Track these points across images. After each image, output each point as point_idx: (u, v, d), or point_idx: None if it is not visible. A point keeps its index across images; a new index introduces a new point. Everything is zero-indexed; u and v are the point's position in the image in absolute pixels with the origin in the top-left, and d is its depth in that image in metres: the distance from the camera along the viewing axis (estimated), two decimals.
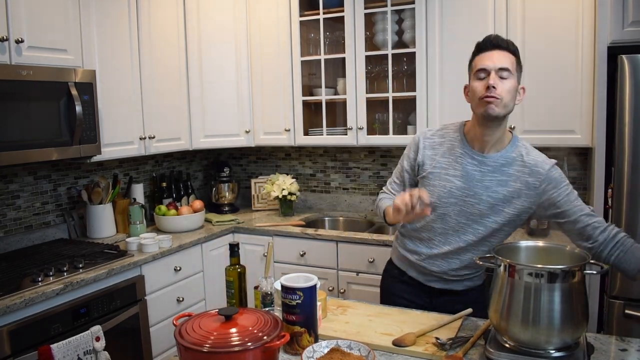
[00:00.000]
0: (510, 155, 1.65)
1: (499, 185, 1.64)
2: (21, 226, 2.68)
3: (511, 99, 1.58)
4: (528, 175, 1.63)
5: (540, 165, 1.63)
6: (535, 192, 1.63)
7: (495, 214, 1.66)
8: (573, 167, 2.93)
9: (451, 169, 1.69)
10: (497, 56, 1.58)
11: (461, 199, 1.67)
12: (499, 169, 1.65)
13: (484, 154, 1.66)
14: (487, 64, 1.57)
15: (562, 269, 1.26)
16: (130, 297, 2.49)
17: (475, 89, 1.59)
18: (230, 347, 1.13)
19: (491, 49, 1.60)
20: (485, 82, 1.56)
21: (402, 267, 1.88)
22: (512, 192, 1.64)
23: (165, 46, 3.10)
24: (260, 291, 1.67)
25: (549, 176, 1.62)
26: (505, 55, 1.58)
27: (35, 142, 2.29)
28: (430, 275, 1.80)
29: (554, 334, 1.26)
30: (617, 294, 2.21)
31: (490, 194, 1.65)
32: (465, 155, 1.68)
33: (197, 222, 3.17)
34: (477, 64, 1.61)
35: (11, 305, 1.96)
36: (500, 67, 1.56)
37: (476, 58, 1.63)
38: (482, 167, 1.66)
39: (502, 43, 1.60)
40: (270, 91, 3.38)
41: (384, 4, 3.02)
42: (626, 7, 2.19)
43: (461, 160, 1.68)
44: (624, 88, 2.14)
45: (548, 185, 1.62)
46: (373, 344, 1.41)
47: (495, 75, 1.55)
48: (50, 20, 2.39)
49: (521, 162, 1.64)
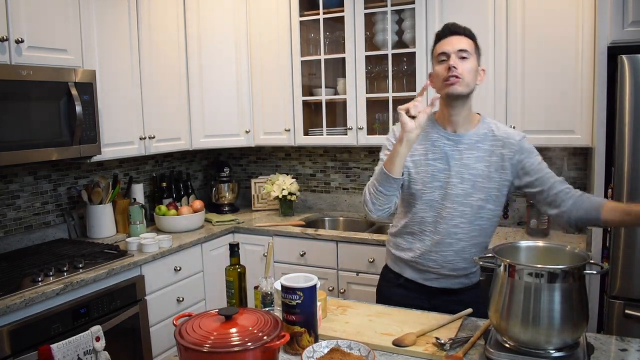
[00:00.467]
0: (482, 132, 1.74)
1: (477, 161, 1.71)
2: (21, 226, 2.68)
3: (472, 79, 1.68)
4: (502, 148, 1.71)
5: (512, 137, 1.72)
6: (510, 164, 1.71)
7: (478, 191, 1.71)
8: (573, 167, 2.94)
9: (430, 153, 1.74)
10: (456, 40, 1.68)
11: (444, 181, 1.72)
12: (474, 146, 1.72)
13: (457, 133, 1.74)
14: (447, 47, 1.67)
15: (562, 269, 1.26)
16: (130, 297, 2.49)
17: (439, 72, 1.68)
18: (230, 347, 1.13)
19: (449, 35, 1.69)
20: (447, 64, 1.65)
21: (398, 270, 1.88)
22: (490, 167, 1.71)
23: (166, 46, 3.10)
24: (260, 291, 1.67)
25: (521, 146, 1.71)
26: (462, 38, 1.68)
27: (36, 142, 2.29)
28: (427, 272, 1.80)
29: (554, 334, 1.26)
30: (617, 294, 2.21)
31: (470, 171, 1.71)
32: (440, 137, 1.74)
33: (197, 222, 3.17)
34: (438, 49, 1.70)
35: (11, 305, 1.96)
36: (459, 48, 1.66)
37: (437, 45, 1.72)
38: (458, 146, 1.72)
39: (459, 29, 1.70)
40: (270, 91, 3.38)
41: (384, 4, 3.02)
42: (626, 7, 2.19)
43: (438, 144, 1.74)
44: (624, 88, 2.14)
45: (521, 155, 1.70)
46: (373, 344, 1.41)
47: (455, 56, 1.65)
48: (50, 20, 2.39)
49: (493, 137, 1.73)
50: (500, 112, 2.75)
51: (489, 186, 1.71)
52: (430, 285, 1.81)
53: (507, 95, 2.73)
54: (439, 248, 1.75)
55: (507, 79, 2.72)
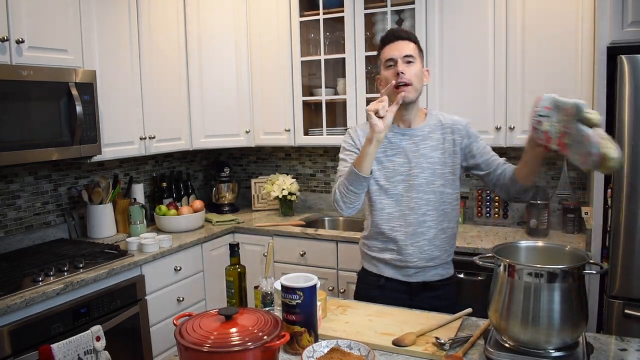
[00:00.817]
0: (432, 123, 1.87)
1: (432, 150, 1.83)
2: (22, 226, 2.69)
3: (419, 82, 1.80)
4: (452, 134, 1.85)
5: (458, 123, 1.86)
6: (460, 147, 1.84)
7: (438, 178, 1.83)
8: (573, 167, 2.94)
9: (388, 150, 1.84)
10: (401, 45, 1.78)
11: (406, 173, 1.82)
12: (428, 136, 1.85)
13: (410, 127, 1.86)
14: (394, 53, 1.77)
15: (561, 269, 1.26)
16: (131, 297, 2.49)
17: (387, 77, 1.79)
18: (230, 347, 1.14)
19: (394, 40, 1.79)
20: (395, 69, 1.76)
21: (377, 271, 1.91)
22: (444, 153, 1.84)
23: (166, 46, 3.10)
24: (260, 291, 1.67)
25: (467, 131, 1.85)
26: (407, 43, 1.79)
27: (36, 142, 2.29)
28: (406, 268, 1.85)
29: (553, 333, 1.26)
30: (616, 293, 2.22)
31: (428, 160, 1.82)
32: (395, 134, 1.85)
33: (197, 222, 3.17)
34: (385, 55, 1.80)
35: (11, 305, 1.96)
36: (405, 54, 1.76)
37: (383, 51, 1.82)
38: (413, 139, 1.84)
39: (403, 34, 1.81)
40: (270, 91, 3.39)
41: (384, 4, 3.02)
42: (626, 7, 2.19)
43: (394, 140, 1.85)
44: (623, 88, 2.14)
45: (469, 139, 1.85)
46: (373, 343, 1.41)
47: (402, 62, 1.76)
48: (51, 20, 2.39)
49: (442, 126, 1.86)
50: (500, 112, 2.75)
51: (445, 171, 1.83)
52: (410, 281, 1.86)
53: (507, 95, 2.73)
54: (413, 240, 1.83)
55: (507, 79, 2.72)
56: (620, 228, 2.18)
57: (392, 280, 1.87)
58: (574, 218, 2.80)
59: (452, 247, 1.92)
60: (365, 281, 1.96)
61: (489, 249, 2.46)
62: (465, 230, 2.95)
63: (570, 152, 1.34)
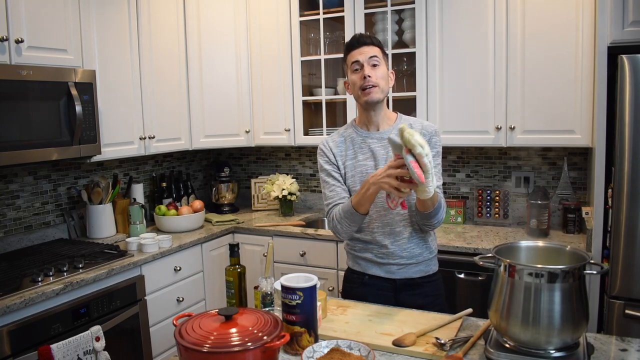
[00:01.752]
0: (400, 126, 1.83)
1: None
2: (21, 226, 2.68)
3: (385, 83, 1.84)
4: None
5: (426, 128, 1.88)
6: None
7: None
8: (573, 167, 2.94)
9: (359, 154, 1.89)
10: (365, 49, 1.83)
11: None
12: None
13: (379, 131, 1.90)
14: (359, 56, 1.82)
15: (562, 269, 1.26)
16: (130, 297, 2.49)
17: (355, 81, 1.84)
18: (230, 347, 1.13)
19: (358, 46, 1.84)
20: (361, 73, 1.81)
21: (360, 269, 1.93)
22: None
23: (166, 46, 3.10)
24: (260, 291, 1.67)
25: (430, 138, 1.86)
26: (371, 47, 1.84)
27: (35, 142, 2.29)
28: (389, 265, 1.87)
29: (554, 334, 1.26)
30: (617, 294, 2.21)
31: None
32: (365, 138, 1.90)
33: (197, 222, 3.17)
34: (350, 59, 1.85)
35: (11, 305, 1.96)
36: (370, 56, 1.81)
37: (348, 56, 1.87)
38: (382, 142, 1.88)
39: (367, 39, 1.85)
40: (270, 91, 3.38)
41: (384, 4, 3.02)
42: (626, 7, 2.19)
43: (364, 145, 1.90)
44: (624, 88, 2.13)
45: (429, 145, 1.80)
46: (373, 344, 1.41)
47: (367, 64, 1.81)
48: (50, 20, 2.39)
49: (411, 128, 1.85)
50: (500, 112, 2.75)
51: None
52: (394, 277, 1.88)
53: (507, 95, 2.73)
54: (392, 239, 1.86)
55: (507, 78, 2.72)
56: (621, 228, 2.18)
57: (376, 278, 1.90)
58: (575, 218, 2.80)
59: (433, 243, 1.94)
60: (350, 279, 1.98)
61: (489, 249, 2.46)
62: (466, 230, 2.95)
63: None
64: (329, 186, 1.90)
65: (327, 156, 1.93)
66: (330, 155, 1.92)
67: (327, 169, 1.92)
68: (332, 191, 1.89)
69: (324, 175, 1.93)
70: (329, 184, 1.91)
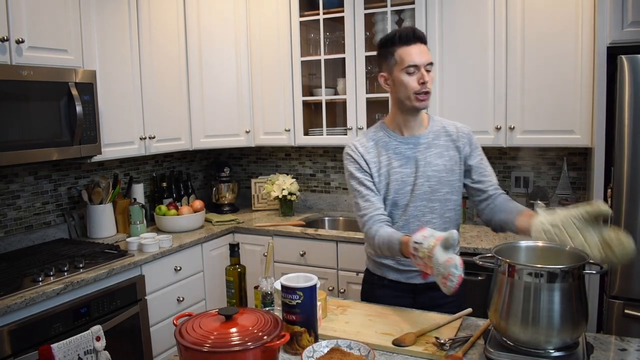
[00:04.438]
0: (435, 129, 1.83)
1: (437, 157, 1.79)
2: (21, 226, 2.69)
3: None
4: (456, 141, 1.81)
5: (461, 130, 1.83)
6: (463, 155, 1.81)
7: (444, 186, 1.78)
8: (573, 167, 2.94)
9: (394, 161, 1.79)
10: (421, 50, 1.70)
11: (412, 183, 1.78)
12: (432, 143, 1.80)
13: (415, 135, 1.81)
14: (417, 60, 1.69)
15: (561, 269, 1.26)
16: (131, 297, 2.49)
17: (408, 84, 1.70)
18: (230, 347, 1.14)
19: (415, 42, 1.70)
20: (417, 77, 1.69)
21: (380, 273, 1.89)
22: (450, 160, 1.80)
23: (166, 46, 3.10)
24: (260, 291, 1.67)
25: (470, 139, 1.82)
26: (425, 48, 1.72)
27: (36, 142, 2.29)
28: (409, 272, 1.82)
29: (553, 333, 1.26)
30: (616, 293, 2.22)
31: (433, 168, 1.78)
32: (399, 144, 1.80)
33: (197, 222, 3.17)
34: (406, 58, 1.69)
35: (11, 305, 1.96)
36: (428, 62, 1.71)
37: (400, 50, 1.70)
38: (417, 147, 1.79)
39: (423, 36, 1.73)
40: (270, 91, 3.39)
41: (384, 4, 3.02)
42: (625, 7, 2.19)
43: (398, 150, 1.80)
44: (623, 88, 2.14)
45: (470, 148, 1.82)
46: (373, 344, 1.41)
47: (424, 70, 1.69)
48: (51, 20, 2.39)
49: (446, 132, 1.82)
50: (500, 112, 2.75)
51: (452, 179, 1.80)
52: (414, 282, 1.83)
53: (507, 95, 2.73)
54: None
55: (507, 79, 2.72)
56: (621, 228, 2.18)
57: (396, 282, 1.85)
58: None
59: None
60: (370, 281, 1.94)
61: (489, 249, 2.46)
62: (465, 230, 2.95)
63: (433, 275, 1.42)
64: (362, 196, 1.77)
65: (357, 163, 1.79)
66: (362, 162, 1.79)
67: (358, 177, 1.78)
68: (366, 201, 1.76)
69: (354, 183, 1.79)
70: (361, 193, 1.77)
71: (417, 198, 1.77)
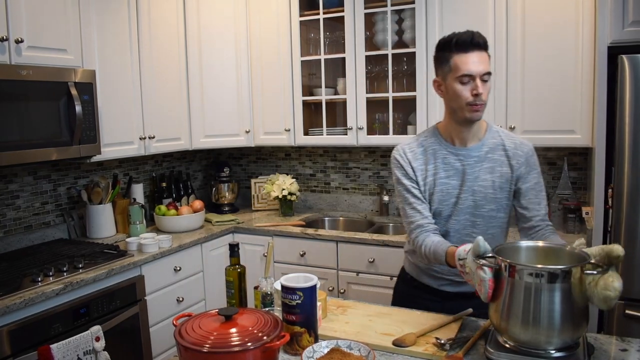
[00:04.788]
0: (492, 142, 1.72)
1: (487, 172, 1.70)
2: (21, 226, 2.68)
3: (488, 97, 1.64)
4: (511, 158, 1.70)
5: (520, 147, 1.71)
6: (516, 175, 1.70)
7: (489, 202, 1.71)
8: (573, 167, 2.94)
9: (442, 171, 1.72)
10: (479, 59, 1.59)
11: (457, 196, 1.71)
12: (485, 157, 1.71)
13: (467, 147, 1.72)
14: (472, 69, 1.58)
15: (562, 269, 1.26)
16: (130, 297, 2.49)
17: (461, 94, 1.61)
18: (230, 347, 1.13)
19: (471, 49, 1.59)
20: (471, 87, 1.59)
21: (414, 275, 1.88)
22: (501, 177, 1.70)
23: (165, 46, 3.10)
24: (260, 291, 1.67)
25: (527, 159, 1.70)
26: (484, 56, 1.61)
27: (35, 142, 2.29)
28: (442, 279, 1.80)
29: (554, 334, 1.26)
30: None
31: (480, 183, 1.70)
32: (450, 154, 1.73)
33: (197, 222, 3.17)
34: (460, 67, 1.59)
35: (11, 305, 1.96)
36: (485, 72, 1.59)
37: (455, 57, 1.61)
38: (468, 160, 1.71)
39: (481, 41, 1.61)
40: (270, 91, 3.38)
41: (384, 4, 3.02)
42: (626, 7, 2.19)
43: (447, 160, 1.73)
44: (624, 88, 2.13)
45: (526, 168, 1.70)
46: (373, 344, 1.41)
47: (480, 80, 1.59)
48: (50, 20, 2.39)
49: (503, 147, 1.72)
50: (500, 112, 2.75)
51: (501, 196, 1.71)
52: (445, 290, 1.80)
53: (507, 95, 2.73)
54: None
55: (507, 79, 2.72)
56: (621, 228, 2.18)
57: (428, 286, 1.83)
58: (575, 218, 2.80)
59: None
60: (404, 279, 1.93)
61: None
62: None
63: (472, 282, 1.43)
64: (409, 203, 1.73)
65: (404, 169, 1.74)
66: (409, 169, 1.74)
67: (405, 183, 1.73)
68: (413, 209, 1.72)
69: (401, 189, 1.75)
70: (408, 200, 1.73)
71: (460, 212, 1.71)
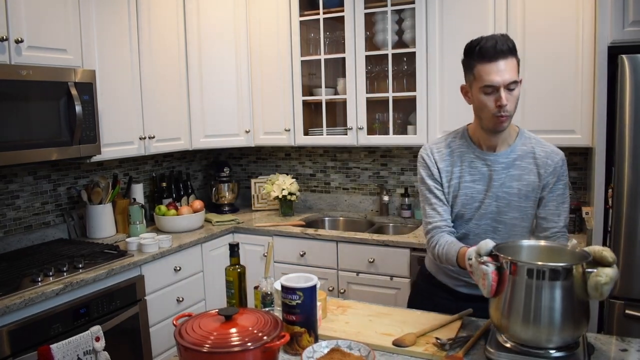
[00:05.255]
0: (521, 148, 1.68)
1: (514, 180, 1.66)
2: (21, 226, 2.68)
3: (516, 106, 1.58)
4: (540, 167, 1.66)
5: (551, 157, 1.66)
6: (542, 184, 1.66)
7: (513, 210, 1.68)
8: (573, 167, 2.93)
9: (467, 175, 1.69)
10: (504, 67, 1.51)
11: (481, 201, 1.69)
12: (512, 164, 1.67)
13: (495, 152, 1.68)
14: (495, 80, 1.51)
15: (563, 267, 1.26)
16: (130, 297, 2.49)
17: (485, 104, 1.56)
18: (230, 347, 1.13)
19: (495, 57, 1.51)
20: (495, 97, 1.53)
21: (432, 271, 1.88)
22: (528, 186, 1.66)
23: (165, 46, 3.10)
24: (260, 291, 1.67)
25: (556, 169, 1.65)
26: (510, 63, 1.53)
27: (35, 142, 2.29)
28: (458, 279, 1.79)
29: (554, 332, 1.26)
30: (617, 294, 2.21)
31: (505, 189, 1.66)
32: (477, 159, 1.69)
33: (197, 222, 3.17)
34: (484, 77, 1.53)
35: (11, 306, 1.96)
36: (511, 81, 1.52)
37: (479, 67, 1.54)
38: (495, 166, 1.67)
39: (505, 48, 1.51)
40: (270, 91, 3.38)
41: (384, 4, 3.02)
42: (626, 7, 2.18)
43: (474, 165, 1.69)
44: (624, 88, 2.13)
45: (553, 178, 1.66)
46: (373, 344, 1.41)
47: (505, 90, 1.52)
48: (50, 20, 2.39)
49: (533, 154, 1.67)
50: None
51: (526, 205, 1.68)
52: (460, 291, 1.79)
53: None
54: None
55: None
56: (621, 228, 2.18)
57: (444, 284, 1.83)
58: (575, 218, 2.79)
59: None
60: (424, 275, 1.93)
61: None
62: None
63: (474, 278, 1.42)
64: (430, 204, 1.71)
65: (430, 169, 1.72)
66: (434, 170, 1.71)
67: (429, 184, 1.72)
68: (433, 210, 1.71)
69: (424, 189, 1.73)
70: (429, 200, 1.72)
71: (483, 217, 1.69)
